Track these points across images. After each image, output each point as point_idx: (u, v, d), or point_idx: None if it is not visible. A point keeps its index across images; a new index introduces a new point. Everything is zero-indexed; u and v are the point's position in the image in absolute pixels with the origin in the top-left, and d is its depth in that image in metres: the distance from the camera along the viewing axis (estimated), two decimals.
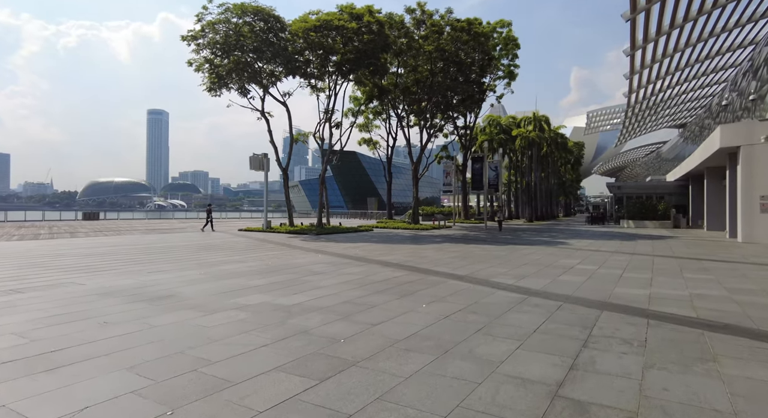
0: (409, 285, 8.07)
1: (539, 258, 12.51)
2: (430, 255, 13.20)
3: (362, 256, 12.87)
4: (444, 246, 16.40)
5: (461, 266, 10.70)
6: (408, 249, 15.11)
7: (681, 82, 43.71)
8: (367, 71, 24.05)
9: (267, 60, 23.52)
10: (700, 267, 10.73)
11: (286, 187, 25.63)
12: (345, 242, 17.81)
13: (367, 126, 38.03)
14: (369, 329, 5.16)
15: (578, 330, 5.13)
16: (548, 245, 17.26)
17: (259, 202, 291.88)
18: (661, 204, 31.88)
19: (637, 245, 16.98)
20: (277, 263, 11.09)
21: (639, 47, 32.67)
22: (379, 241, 18.74)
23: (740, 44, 35.33)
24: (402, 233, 24.02)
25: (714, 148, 20.00)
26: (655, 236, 22.24)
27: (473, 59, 27.16)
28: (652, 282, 8.52)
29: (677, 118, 62.42)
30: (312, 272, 9.57)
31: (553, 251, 14.54)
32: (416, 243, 17.70)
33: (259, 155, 24.53)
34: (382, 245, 16.59)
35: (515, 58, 40.20)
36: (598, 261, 11.85)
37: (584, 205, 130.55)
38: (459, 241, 19.12)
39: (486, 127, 49.72)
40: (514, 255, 13.32)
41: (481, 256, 13.07)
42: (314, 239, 19.76)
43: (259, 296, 7.06)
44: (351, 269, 10.04)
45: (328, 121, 25.26)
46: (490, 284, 8.22)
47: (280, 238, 19.99)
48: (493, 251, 14.73)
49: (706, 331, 5.11)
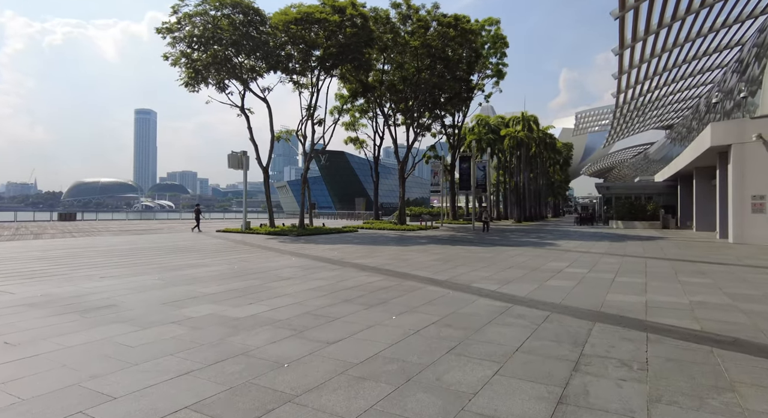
0: (382, 292, 7.28)
1: (526, 261, 11.83)
2: (412, 257, 12.45)
3: (339, 259, 12.07)
4: (428, 248, 15.67)
5: (443, 270, 9.95)
6: (390, 251, 14.34)
7: (668, 83, 43.68)
8: (351, 67, 23.24)
9: (246, 54, 22.61)
10: (696, 270, 10.11)
11: (267, 187, 24.68)
12: (325, 244, 16.98)
13: (353, 124, 37.24)
14: (323, 349, 4.36)
15: (568, 348, 4.39)
16: (536, 246, 16.62)
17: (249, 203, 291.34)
18: (650, 204, 31.57)
19: (627, 247, 16.42)
20: (245, 267, 10.24)
21: (628, 46, 32.38)
22: (362, 242, 17.95)
23: (726, 45, 35.27)
24: (387, 234, 23.25)
25: (704, 147, 19.57)
26: (644, 237, 21.77)
27: (460, 56, 26.51)
28: (647, 288, 7.84)
29: (664, 120, 62.69)
30: (279, 278, 8.75)
31: (540, 253, 13.88)
32: (400, 244, 16.94)
33: (237, 153, 23.57)
34: (364, 247, 15.81)
35: (504, 57, 39.74)
36: (587, 264, 11.20)
37: (573, 205, 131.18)
38: (445, 242, 18.41)
39: (474, 127, 49.22)
40: (500, 257, 12.62)
41: (466, 258, 12.34)
42: (293, 240, 18.90)
43: (210, 306, 6.23)
44: (323, 274, 9.23)
45: (310, 119, 24.39)
46: (472, 291, 7.47)
47: (258, 239, 19.09)
48: (478, 252, 14.03)
49: (716, 348, 4.40)
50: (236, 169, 23.47)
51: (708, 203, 26.84)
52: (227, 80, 24.15)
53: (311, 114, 24.22)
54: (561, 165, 78.59)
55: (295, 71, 24.81)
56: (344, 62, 22.82)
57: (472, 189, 32.87)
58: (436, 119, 33.79)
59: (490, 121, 49.93)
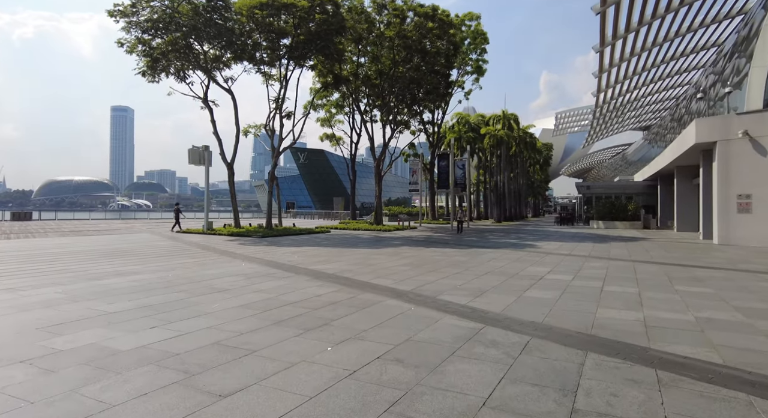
0: (328, 310, 5.97)
1: (504, 265, 10.67)
2: (379, 262, 11.16)
3: (296, 264, 10.70)
4: (400, 250, 14.41)
5: (410, 278, 8.69)
6: (357, 255, 13.03)
7: (647, 83, 43.64)
8: (322, 57, 21.82)
9: (209, 41, 20.99)
10: (691, 277, 9.09)
11: (231, 184, 23.06)
12: (289, 246, 15.57)
13: (329, 120, 35.82)
14: (208, 407, 3.02)
15: (555, 399, 3.16)
16: (515, 248, 15.55)
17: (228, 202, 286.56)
18: (630, 204, 31.05)
19: (611, 248, 15.48)
20: (180, 276, 8.78)
21: (608, 44, 31.87)
22: (330, 244, 16.60)
23: (703, 46, 35.21)
24: (361, 235, 21.94)
25: (688, 145, 18.85)
26: (627, 238, 20.99)
27: (438, 49, 25.35)
28: (642, 299, 6.73)
29: (642, 120, 63.14)
30: (212, 289, 7.34)
31: (520, 256, 12.77)
32: (371, 247, 15.65)
33: (199, 148, 21.88)
34: (330, 250, 14.45)
35: (484, 53, 38.89)
36: (571, 269, 10.10)
37: (552, 205, 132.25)
38: (419, 244, 17.20)
39: (455, 125, 48.31)
40: (476, 261, 11.44)
41: (438, 263, 11.12)
42: (255, 242, 17.41)
43: (97, 332, 4.81)
44: (266, 284, 7.86)
45: (278, 111, 22.87)
46: (438, 305, 6.21)
47: (216, 241, 17.54)
48: (453, 255, 12.84)
49: (754, 395, 3.23)
50: (197, 165, 21.77)
51: (689, 203, 26.37)
52: (190, 70, 22.49)
53: (279, 107, 22.69)
54: (541, 165, 78.53)
55: (264, 62, 23.28)
56: (314, 51, 21.39)
57: (450, 188, 31.77)
58: (415, 116, 32.60)
59: (471, 119, 49.10)
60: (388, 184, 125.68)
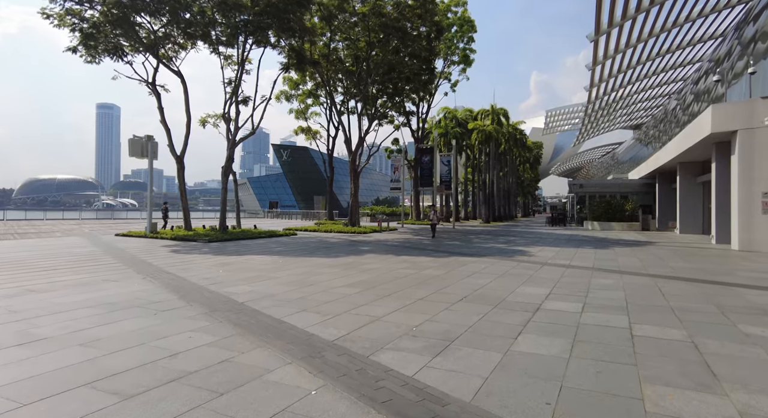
0: (159, 394, 3.24)
1: (487, 284, 8.03)
2: (323, 280, 8.46)
3: (209, 285, 7.95)
4: (363, 260, 11.73)
5: (349, 310, 6.00)
6: (304, 267, 10.31)
7: (641, 78, 41.61)
8: (283, 33, 18.98)
9: (150, 13, 18.08)
10: (749, 305, 6.48)
11: (181, 181, 20.12)
12: (229, 255, 12.80)
13: (304, 112, 33.06)
14: None
15: None
16: (503, 255, 12.95)
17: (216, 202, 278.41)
18: (628, 204, 28.72)
19: (617, 256, 12.96)
20: (11, 306, 5.99)
21: (604, 32, 29.56)
22: (283, 252, 13.85)
23: (700, 38, 33.13)
24: (329, 239, 19.22)
25: (701, 136, 16.44)
26: (629, 242, 18.55)
27: (419, 31, 22.67)
28: (705, 359, 4.10)
29: (634, 118, 61.34)
30: (24, 337, 4.57)
31: (508, 268, 10.16)
32: (329, 254, 12.94)
33: (141, 138, 18.93)
34: (275, 260, 11.71)
35: (471, 42, 36.47)
36: (576, 290, 7.50)
37: (542, 205, 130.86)
38: (391, 250, 14.52)
39: (441, 120, 45.78)
40: (452, 277, 8.79)
41: (402, 280, 8.45)
42: (194, 249, 14.58)
43: None
44: (119, 327, 5.10)
45: (234, 96, 20.00)
46: (363, 382, 3.52)
47: (150, 247, 14.67)
48: (426, 267, 10.18)
49: None
50: (139, 157, 18.84)
51: (693, 203, 24.11)
52: (137, 51, 19.57)
53: (235, 91, 19.81)
54: (531, 163, 76.46)
55: (220, 42, 20.44)
56: (274, 27, 18.56)
57: (434, 185, 29.16)
58: (398, 109, 29.91)
59: (458, 114, 46.56)
60: (376, 183, 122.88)
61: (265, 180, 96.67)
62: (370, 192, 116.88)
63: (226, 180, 20.07)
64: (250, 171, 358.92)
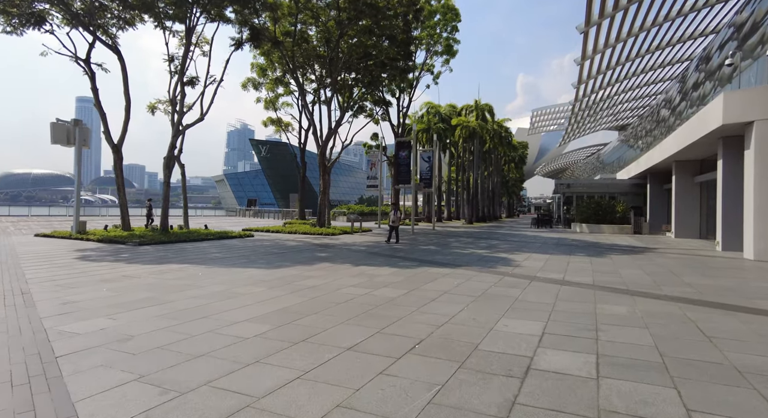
0: None
1: (455, 315, 5.74)
2: (227, 308, 6.09)
3: (50, 313, 5.52)
4: (307, 272, 9.37)
5: (217, 378, 3.63)
6: (221, 284, 7.92)
7: (630, 76, 40.15)
8: (236, 4, 16.45)
9: None
10: None
11: (119, 173, 17.39)
12: (148, 264, 10.32)
13: (274, 102, 30.49)
14: None
15: None
16: (483, 265, 10.72)
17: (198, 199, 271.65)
18: (619, 205, 26.89)
19: (618, 267, 10.84)
20: None
21: (594, 23, 27.63)
22: (219, 259, 11.41)
23: (691, 35, 31.65)
24: (287, 242, 16.80)
25: (707, 129, 14.50)
26: (626, 248, 16.56)
27: (395, 10, 20.34)
28: None
29: (620, 118, 60.20)
30: None
31: (488, 286, 7.92)
32: (270, 265, 10.54)
33: (66, 122, 16.22)
34: (197, 271, 9.28)
35: (455, 31, 34.29)
36: (581, 326, 5.27)
37: (527, 205, 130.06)
38: (350, 257, 12.18)
39: (424, 115, 43.58)
40: (410, 303, 6.49)
41: (340, 310, 6.11)
42: (115, 253, 12.02)
43: None
44: None
45: (180, 77, 17.39)
46: None
47: (63, 250, 12.05)
48: (381, 285, 7.88)
49: None
50: (64, 144, 16.13)
51: (690, 205, 22.32)
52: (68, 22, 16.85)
53: (181, 70, 17.19)
54: (516, 163, 74.88)
55: (167, 15, 17.84)
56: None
57: (412, 182, 26.92)
58: (374, 98, 27.55)
59: (441, 109, 44.42)
60: (360, 182, 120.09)
61: (243, 176, 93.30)
62: (355, 191, 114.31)
63: (169, 174, 17.45)
64: (234, 168, 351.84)
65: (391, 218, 17.44)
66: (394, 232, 17.35)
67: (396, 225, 17.28)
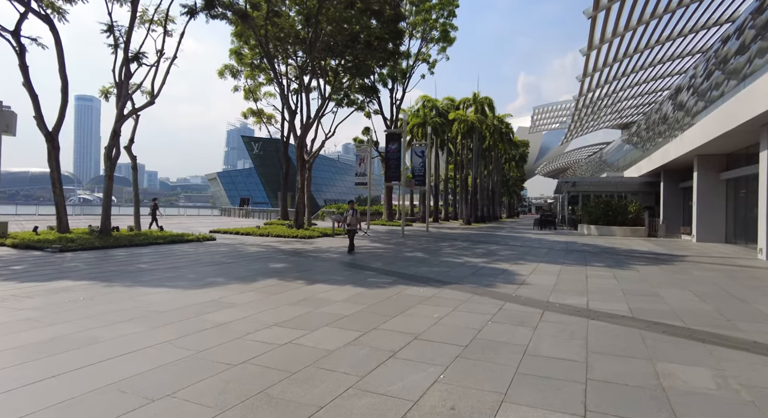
0: None
1: (421, 394, 3.17)
2: (28, 374, 3.54)
3: None
4: (239, 293, 6.83)
5: None
6: (95, 314, 5.37)
7: (637, 70, 37.61)
8: None
9: None
10: None
11: (54, 166, 14.83)
12: (35, 281, 7.78)
13: (254, 92, 27.98)
14: None
15: None
16: (478, 283, 8.16)
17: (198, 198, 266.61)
18: (632, 205, 24.34)
19: (653, 285, 8.29)
20: None
21: (603, 8, 25.17)
22: (136, 272, 8.87)
23: (703, 25, 29.13)
24: (249, 247, 14.26)
25: (748, 115, 11.98)
26: (648, 255, 14.02)
27: None
28: None
29: (624, 116, 57.78)
30: None
31: (481, 324, 5.37)
32: (196, 282, 7.98)
33: None
34: (91, 290, 6.74)
35: (452, 17, 31.76)
36: (647, 413, 2.74)
37: (528, 205, 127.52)
38: (310, 270, 9.62)
39: (420, 109, 40.98)
40: (355, 361, 3.93)
41: (221, 383, 3.56)
42: (21, 262, 9.46)
43: None
44: None
45: (125, 54, 14.81)
46: None
47: None
48: (325, 322, 5.33)
49: None
50: None
51: (715, 205, 19.77)
52: None
53: (126, 44, 14.59)
54: (517, 161, 72.26)
55: None
56: None
57: (401, 179, 24.37)
58: (359, 81, 25.00)
59: (438, 103, 41.84)
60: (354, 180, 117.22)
61: (236, 175, 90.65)
62: (353, 191, 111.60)
63: (112, 167, 14.85)
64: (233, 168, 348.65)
65: (348, 219, 13.60)
66: (349, 237, 13.60)
67: (353, 228, 13.49)
